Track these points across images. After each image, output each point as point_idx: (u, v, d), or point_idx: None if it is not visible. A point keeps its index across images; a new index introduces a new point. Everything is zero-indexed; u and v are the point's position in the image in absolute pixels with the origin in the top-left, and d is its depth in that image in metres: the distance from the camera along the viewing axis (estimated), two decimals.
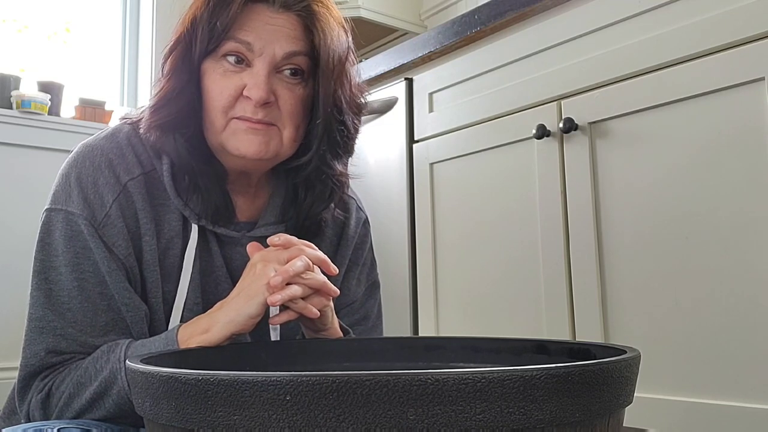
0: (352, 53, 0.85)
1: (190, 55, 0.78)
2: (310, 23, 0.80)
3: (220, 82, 0.78)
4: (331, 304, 0.80)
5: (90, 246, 0.76)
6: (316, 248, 0.78)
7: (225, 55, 0.78)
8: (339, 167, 0.86)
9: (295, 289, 0.72)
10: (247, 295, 0.72)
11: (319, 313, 0.76)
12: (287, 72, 0.79)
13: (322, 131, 0.81)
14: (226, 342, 0.73)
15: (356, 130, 0.86)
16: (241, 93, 0.77)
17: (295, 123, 0.80)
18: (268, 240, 0.77)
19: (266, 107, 0.77)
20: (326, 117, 0.81)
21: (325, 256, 0.77)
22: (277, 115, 0.79)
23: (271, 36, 0.77)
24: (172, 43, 0.80)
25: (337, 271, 0.78)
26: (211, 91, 0.78)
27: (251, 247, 0.79)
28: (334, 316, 0.82)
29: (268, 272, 0.72)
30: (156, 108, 0.79)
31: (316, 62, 0.80)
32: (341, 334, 0.83)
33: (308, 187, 0.86)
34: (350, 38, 0.85)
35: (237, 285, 0.76)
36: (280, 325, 0.84)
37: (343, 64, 0.82)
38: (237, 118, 0.78)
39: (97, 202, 0.77)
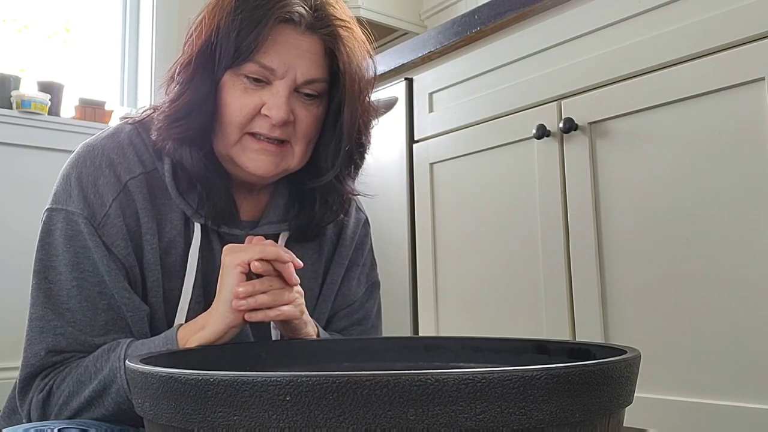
0: (374, 76, 0.86)
1: (212, 67, 0.77)
2: (333, 47, 0.80)
3: (240, 99, 0.77)
4: (305, 315, 0.79)
5: (89, 245, 0.76)
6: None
7: (245, 75, 0.77)
8: (352, 184, 0.88)
9: (262, 300, 0.73)
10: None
11: (285, 313, 0.75)
12: (304, 95, 0.80)
13: (345, 155, 0.82)
14: (226, 338, 0.73)
15: (369, 146, 0.88)
16: (260, 111, 0.77)
17: (308, 140, 0.81)
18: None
19: (284, 126, 0.78)
20: (350, 142, 0.82)
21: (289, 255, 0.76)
22: (292, 133, 0.80)
23: (293, 60, 0.77)
24: (195, 50, 0.78)
25: (301, 264, 0.77)
26: (230, 106, 0.78)
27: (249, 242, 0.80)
28: (308, 325, 0.81)
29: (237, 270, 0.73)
30: (174, 119, 0.78)
31: (334, 82, 0.81)
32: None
33: (323, 200, 0.87)
34: (373, 61, 0.86)
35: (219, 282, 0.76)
36: (275, 324, 0.85)
37: (369, 89, 0.83)
38: (251, 134, 0.78)
39: (97, 201, 0.77)
